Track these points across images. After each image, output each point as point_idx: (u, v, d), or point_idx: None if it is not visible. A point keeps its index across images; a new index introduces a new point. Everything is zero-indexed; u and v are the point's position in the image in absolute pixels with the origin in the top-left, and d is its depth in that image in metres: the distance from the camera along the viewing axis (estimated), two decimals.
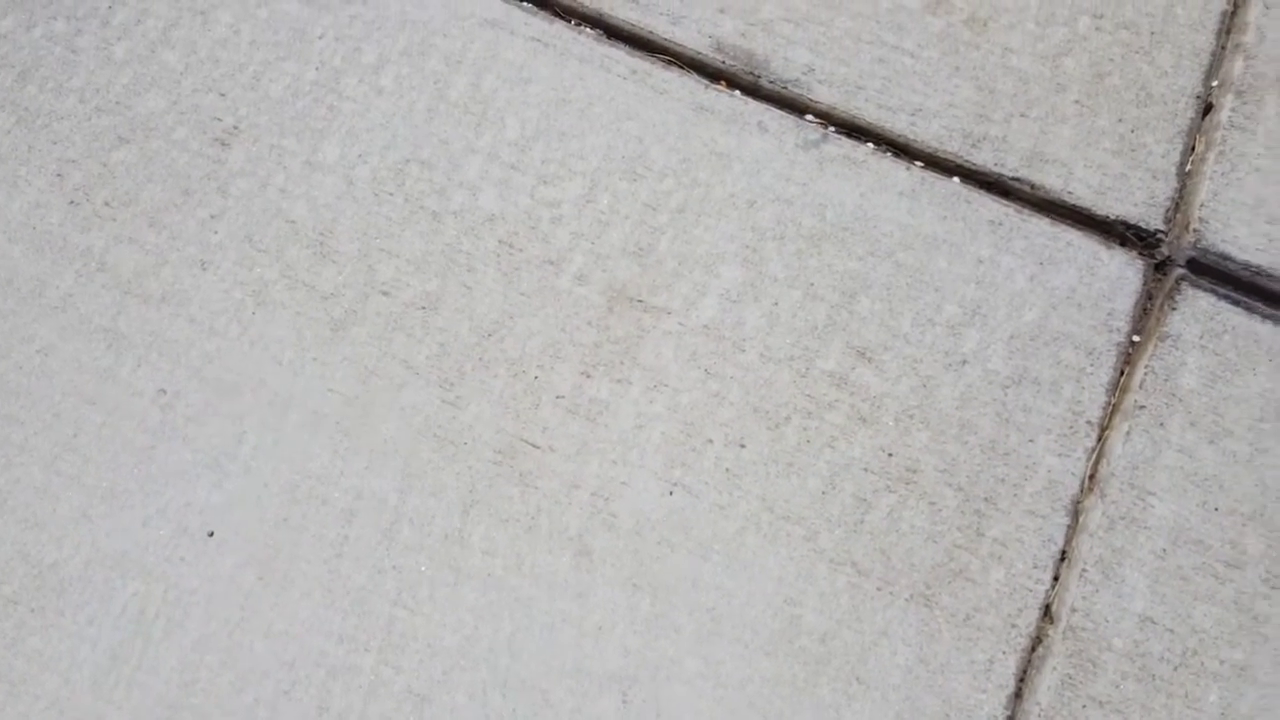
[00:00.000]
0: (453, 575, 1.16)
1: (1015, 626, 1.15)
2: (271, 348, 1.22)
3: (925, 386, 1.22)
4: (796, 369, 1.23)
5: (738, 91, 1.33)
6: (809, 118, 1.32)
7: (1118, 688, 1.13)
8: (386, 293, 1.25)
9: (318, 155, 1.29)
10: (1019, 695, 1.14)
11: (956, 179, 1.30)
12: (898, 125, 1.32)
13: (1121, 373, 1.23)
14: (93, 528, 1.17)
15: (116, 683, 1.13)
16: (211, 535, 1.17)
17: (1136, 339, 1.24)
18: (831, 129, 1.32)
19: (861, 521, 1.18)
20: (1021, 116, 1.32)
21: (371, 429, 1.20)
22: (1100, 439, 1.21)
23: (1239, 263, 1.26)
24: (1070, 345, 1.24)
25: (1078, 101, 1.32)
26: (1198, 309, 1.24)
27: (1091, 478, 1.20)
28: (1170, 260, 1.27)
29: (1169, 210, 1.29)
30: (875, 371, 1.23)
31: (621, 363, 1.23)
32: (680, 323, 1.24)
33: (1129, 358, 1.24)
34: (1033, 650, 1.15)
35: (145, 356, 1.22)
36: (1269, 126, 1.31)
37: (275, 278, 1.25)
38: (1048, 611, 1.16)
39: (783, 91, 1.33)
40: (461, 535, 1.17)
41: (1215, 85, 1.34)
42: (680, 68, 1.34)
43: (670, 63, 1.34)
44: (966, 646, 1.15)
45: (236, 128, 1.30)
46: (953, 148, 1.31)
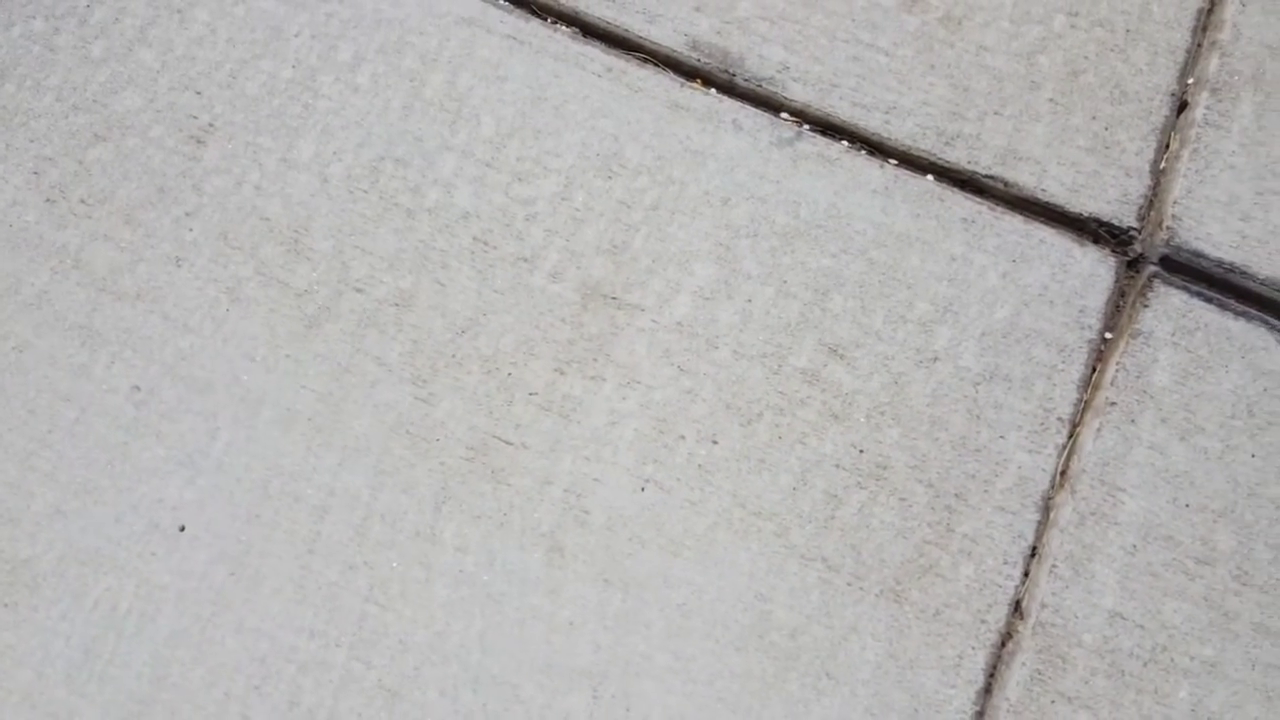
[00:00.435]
0: (424, 571, 1.17)
1: (985, 622, 1.15)
2: (245, 345, 1.23)
3: (897, 383, 1.22)
4: (769, 366, 1.23)
5: (713, 90, 1.34)
6: (783, 116, 1.33)
7: (1087, 684, 1.13)
8: (360, 290, 1.25)
9: (293, 153, 1.30)
10: (988, 690, 1.14)
11: (930, 177, 1.30)
12: (872, 123, 1.32)
13: (1093, 369, 1.24)
14: (66, 523, 1.17)
15: (89, 677, 1.14)
16: (183, 531, 1.17)
17: (1108, 336, 1.25)
18: (806, 127, 1.32)
19: (832, 517, 1.18)
20: (995, 114, 1.32)
21: (344, 426, 1.21)
22: (1071, 435, 1.21)
23: (1212, 260, 1.26)
24: (1042, 342, 1.24)
25: (1052, 99, 1.33)
26: (1170, 306, 1.25)
27: (1062, 474, 1.20)
28: (1143, 258, 1.27)
29: (1142, 208, 1.29)
30: (847, 368, 1.23)
31: (595, 360, 1.23)
32: (654, 320, 1.25)
33: (1101, 355, 1.24)
34: (1002, 646, 1.15)
35: (119, 353, 1.22)
36: (1243, 124, 1.32)
37: (249, 275, 1.25)
38: (1018, 607, 1.16)
39: (757, 90, 1.33)
40: (433, 532, 1.18)
41: (1190, 83, 1.34)
42: (655, 66, 1.35)
43: (645, 61, 1.35)
44: (936, 642, 1.15)
45: (212, 125, 1.30)
46: (926, 145, 1.31)
